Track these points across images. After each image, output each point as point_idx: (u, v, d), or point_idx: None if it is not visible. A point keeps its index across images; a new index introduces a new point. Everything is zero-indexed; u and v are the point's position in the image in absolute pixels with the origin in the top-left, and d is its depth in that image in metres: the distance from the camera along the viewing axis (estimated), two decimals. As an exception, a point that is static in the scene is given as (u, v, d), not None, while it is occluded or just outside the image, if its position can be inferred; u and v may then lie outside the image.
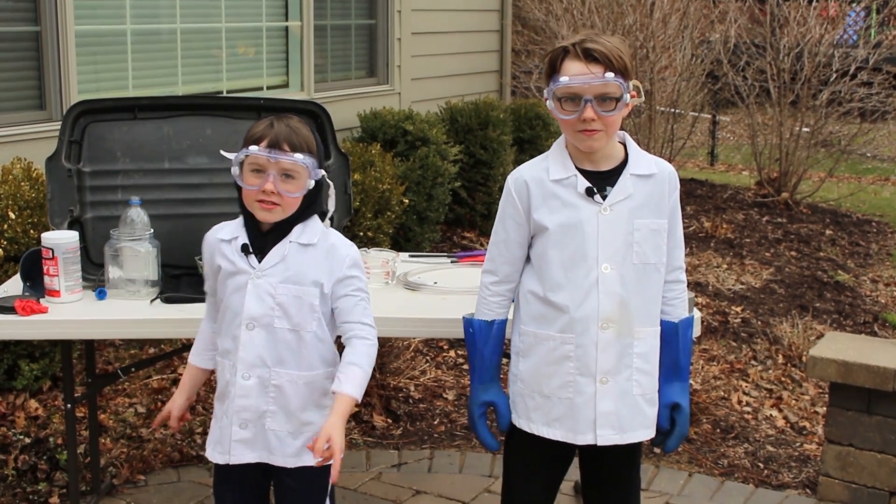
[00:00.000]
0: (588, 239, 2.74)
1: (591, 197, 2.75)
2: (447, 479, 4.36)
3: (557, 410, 2.82)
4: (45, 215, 4.28)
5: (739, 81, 9.98)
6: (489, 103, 8.05)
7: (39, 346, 4.61)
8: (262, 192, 2.70)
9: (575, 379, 2.79)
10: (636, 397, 2.82)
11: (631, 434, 2.84)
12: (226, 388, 2.84)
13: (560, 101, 2.73)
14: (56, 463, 4.12)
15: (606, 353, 2.77)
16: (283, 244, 2.77)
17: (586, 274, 2.75)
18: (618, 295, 2.75)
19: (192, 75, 6.77)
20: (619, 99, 2.71)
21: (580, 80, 2.69)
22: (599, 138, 2.73)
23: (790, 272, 7.63)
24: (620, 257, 2.75)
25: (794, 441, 4.90)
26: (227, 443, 2.83)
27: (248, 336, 2.76)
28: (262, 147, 2.70)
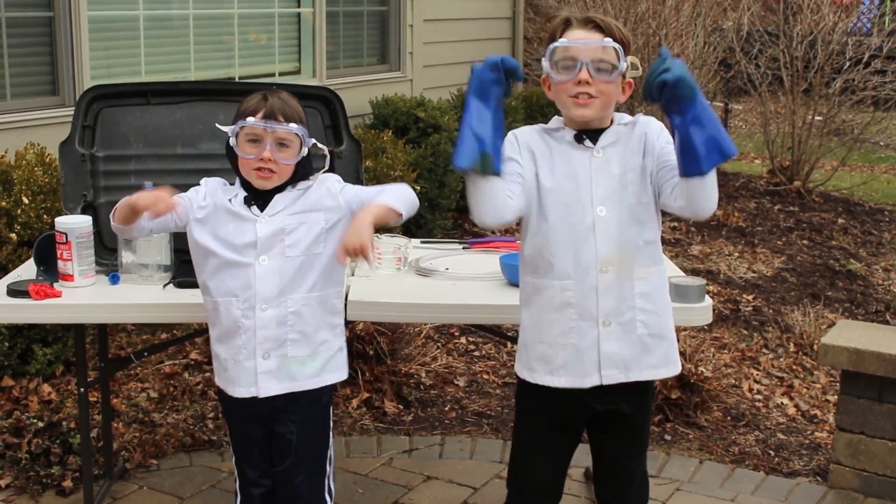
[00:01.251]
0: (581, 183, 2.75)
1: (581, 143, 2.77)
2: (458, 465, 4.37)
3: (561, 358, 2.80)
4: (59, 200, 4.30)
5: (752, 69, 9.93)
6: (501, 90, 8.04)
7: (52, 330, 4.64)
8: (260, 160, 2.86)
9: (577, 324, 2.78)
10: (641, 336, 2.80)
11: (636, 373, 2.82)
12: (234, 325, 2.92)
13: (556, 65, 2.73)
14: (69, 447, 4.14)
15: (607, 296, 2.76)
16: (284, 193, 2.94)
17: (582, 218, 2.74)
18: (615, 237, 2.75)
19: (205, 61, 6.78)
20: (616, 67, 2.70)
21: (579, 41, 2.69)
22: (593, 106, 2.72)
23: (802, 261, 7.61)
24: (616, 199, 2.75)
25: (805, 429, 4.90)
26: (249, 376, 2.94)
27: (263, 269, 2.89)
28: (258, 118, 2.87)
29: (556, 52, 2.72)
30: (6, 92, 5.45)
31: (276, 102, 2.89)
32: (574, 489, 4.07)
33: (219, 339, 2.99)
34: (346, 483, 4.14)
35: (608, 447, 3.01)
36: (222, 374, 3.02)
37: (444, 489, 4.15)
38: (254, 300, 2.90)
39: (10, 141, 5.14)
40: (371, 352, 4.97)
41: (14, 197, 4.55)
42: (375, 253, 3.65)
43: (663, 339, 2.85)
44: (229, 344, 2.96)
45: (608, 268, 2.75)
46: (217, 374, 3.05)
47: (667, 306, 2.87)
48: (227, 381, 3.00)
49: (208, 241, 2.93)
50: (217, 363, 3.03)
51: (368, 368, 4.95)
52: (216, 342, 3.01)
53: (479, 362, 5.49)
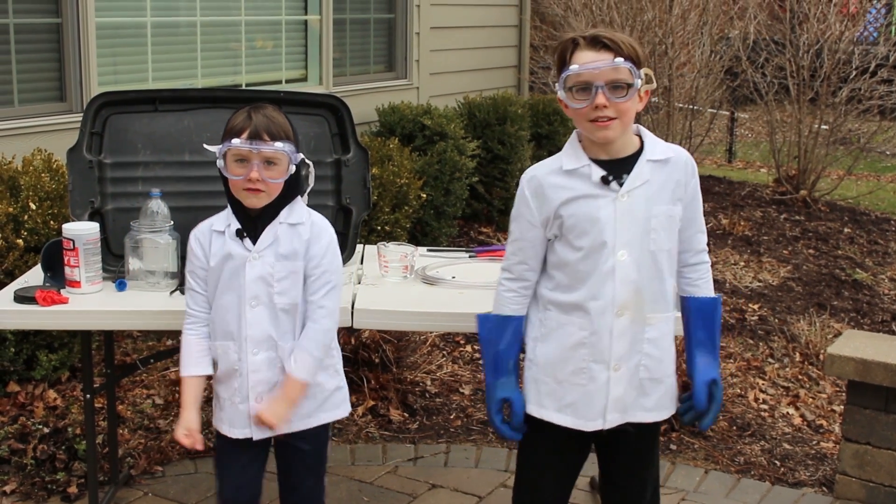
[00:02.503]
0: (605, 227, 2.73)
1: (607, 184, 2.73)
2: (463, 474, 4.37)
3: (570, 396, 2.81)
4: (66, 206, 4.32)
5: (758, 78, 9.94)
6: (507, 98, 8.05)
7: (58, 336, 4.64)
8: (248, 181, 2.88)
9: (588, 366, 2.78)
10: (642, 380, 2.82)
11: (631, 414, 2.83)
12: (231, 369, 2.98)
13: (571, 91, 2.71)
14: (74, 453, 4.15)
15: (621, 340, 2.77)
16: (274, 225, 2.96)
17: (603, 261, 2.73)
18: (633, 282, 2.74)
19: (212, 68, 6.79)
20: (631, 85, 2.69)
21: (591, 66, 2.67)
22: (614, 127, 2.70)
23: (808, 270, 7.60)
24: (637, 244, 2.74)
25: (811, 439, 4.89)
26: (243, 419, 2.99)
27: (253, 314, 2.93)
28: (243, 139, 2.88)
29: (568, 79, 2.71)
30: (14, 98, 5.46)
31: (260, 121, 2.89)
32: (579, 498, 4.06)
33: (219, 380, 3.05)
34: (352, 491, 4.14)
35: (615, 466, 3.01)
36: (219, 414, 3.07)
37: (450, 497, 4.15)
38: (246, 344, 2.94)
39: (18, 147, 5.16)
40: (377, 360, 4.97)
41: (21, 203, 4.56)
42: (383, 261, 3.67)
43: (661, 383, 2.85)
44: (227, 385, 3.02)
45: (624, 312, 2.76)
46: (215, 414, 3.10)
47: (670, 352, 2.88)
48: (222, 421, 3.06)
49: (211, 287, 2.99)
50: (216, 403, 3.08)
51: (374, 376, 4.95)
52: (217, 382, 3.06)
53: (484, 370, 5.48)
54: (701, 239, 2.89)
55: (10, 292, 3.39)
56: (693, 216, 2.85)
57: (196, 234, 3.02)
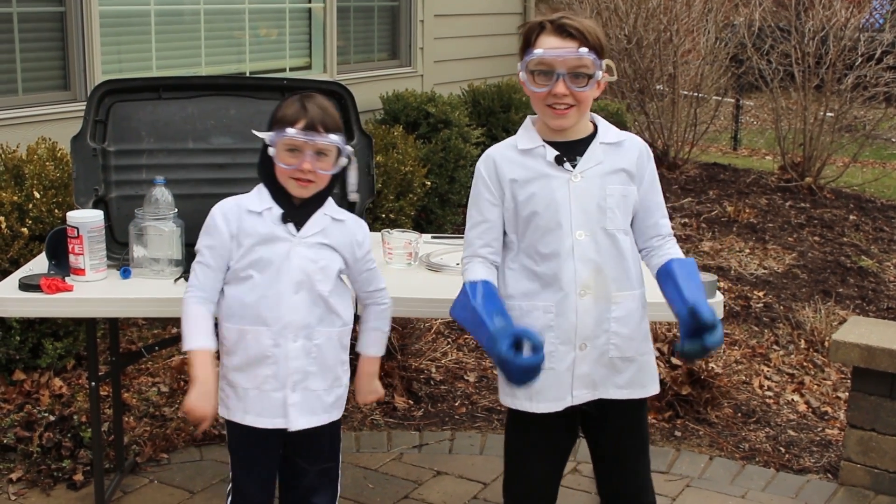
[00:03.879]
0: (561, 207, 2.74)
1: (561, 165, 2.76)
2: (468, 460, 4.37)
3: (539, 383, 2.74)
4: (70, 194, 4.32)
5: (763, 65, 9.91)
6: (511, 86, 8.04)
7: (64, 324, 4.65)
8: (300, 171, 2.86)
9: (556, 348, 2.78)
10: (612, 359, 2.81)
11: (602, 391, 2.83)
12: (261, 356, 2.90)
13: (533, 75, 2.73)
14: (80, 441, 4.16)
15: (585, 320, 2.77)
16: (320, 215, 2.95)
17: (560, 242, 2.75)
18: (593, 261, 2.75)
19: (215, 56, 6.79)
20: (592, 76, 2.71)
21: (554, 52, 2.69)
22: (570, 116, 2.74)
23: (813, 257, 7.60)
24: (594, 224, 2.76)
25: (816, 426, 4.89)
26: (276, 408, 2.92)
27: (296, 300, 2.89)
28: (298, 129, 2.84)
29: (531, 62, 2.73)
30: (18, 86, 5.47)
31: (315, 113, 2.86)
32: (583, 485, 4.07)
33: (238, 369, 2.93)
34: (357, 478, 4.15)
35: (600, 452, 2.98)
36: (236, 404, 2.95)
37: (455, 484, 4.16)
38: (286, 331, 2.89)
39: (22, 135, 5.16)
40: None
41: (26, 191, 4.56)
42: (387, 248, 3.67)
43: (633, 361, 2.85)
44: (253, 373, 2.91)
45: (586, 291, 2.76)
46: (228, 403, 2.97)
47: (640, 330, 2.87)
48: (245, 412, 2.94)
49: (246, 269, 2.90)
50: (231, 392, 2.96)
51: (378, 363, 4.95)
52: (234, 371, 2.94)
53: (488, 357, 5.49)
54: (665, 224, 2.90)
55: (14, 280, 3.40)
56: (654, 202, 2.87)
57: (223, 210, 2.93)
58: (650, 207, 2.86)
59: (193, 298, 2.93)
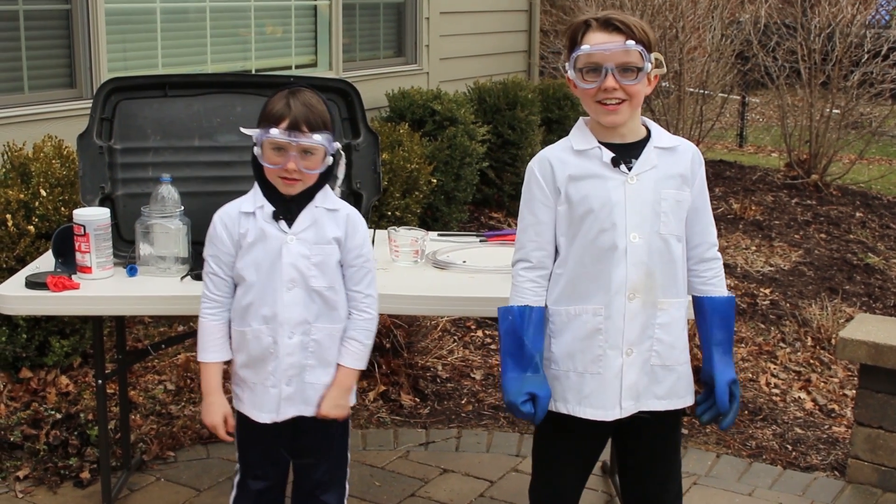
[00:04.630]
0: (616, 207, 2.71)
1: (617, 167, 2.73)
2: (474, 458, 4.37)
3: (588, 387, 2.78)
4: (77, 192, 4.31)
5: (769, 62, 9.90)
6: (517, 83, 8.03)
7: (70, 322, 4.65)
8: (285, 171, 2.85)
9: (605, 352, 2.75)
10: (654, 367, 2.79)
11: (644, 402, 2.80)
12: (265, 353, 2.93)
13: (581, 72, 2.71)
14: (87, 438, 4.16)
15: (632, 324, 2.74)
16: (311, 209, 2.93)
17: (615, 244, 2.72)
18: (644, 265, 2.73)
19: (221, 54, 6.78)
20: (641, 69, 2.68)
21: (602, 47, 2.67)
22: (622, 111, 2.71)
23: (819, 254, 7.58)
24: (648, 227, 2.73)
25: (823, 423, 4.88)
26: (273, 402, 2.96)
27: (290, 297, 2.90)
28: (282, 129, 2.83)
29: (579, 59, 2.70)
30: (24, 84, 5.47)
31: (299, 111, 2.84)
32: (592, 483, 4.06)
33: (246, 365, 2.97)
34: (363, 476, 4.14)
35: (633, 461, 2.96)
36: (248, 399, 2.99)
37: (461, 482, 4.16)
38: (281, 328, 2.91)
39: (28, 133, 5.16)
40: (388, 345, 4.97)
41: (32, 189, 4.56)
42: (394, 245, 3.66)
43: (672, 371, 2.82)
44: (258, 370, 2.95)
45: (635, 295, 2.73)
46: (240, 398, 3.02)
47: (681, 339, 2.84)
48: (252, 406, 2.99)
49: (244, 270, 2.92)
50: (243, 387, 3.00)
51: (385, 361, 4.95)
52: (243, 367, 2.99)
53: (495, 355, 5.49)
54: (711, 231, 2.88)
55: (21, 278, 3.40)
56: (703, 207, 2.85)
57: (222, 217, 2.95)
58: (699, 212, 2.83)
59: (205, 311, 2.98)
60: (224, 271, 2.95)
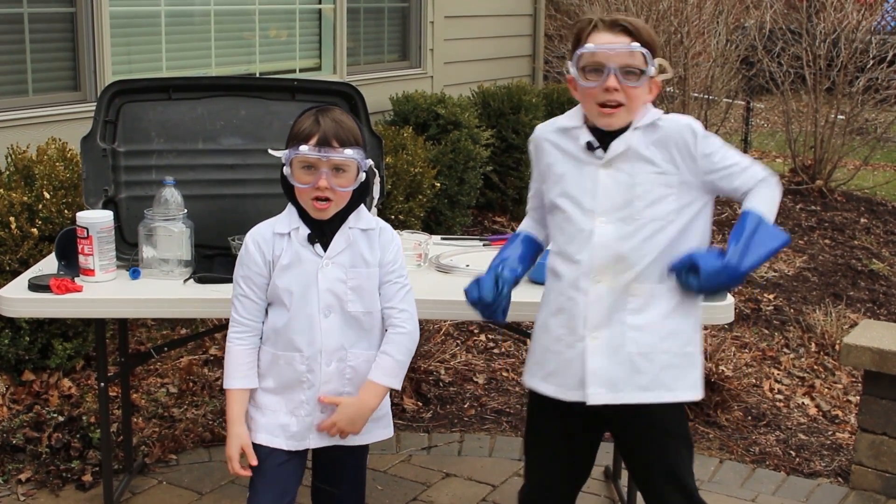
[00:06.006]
0: (585, 192, 2.73)
1: (592, 151, 2.73)
2: (477, 463, 4.36)
3: (551, 364, 2.76)
4: (80, 195, 4.32)
5: (774, 68, 9.89)
6: (521, 87, 8.03)
7: (73, 325, 4.65)
8: (317, 189, 2.73)
9: (566, 331, 2.74)
10: (630, 355, 2.70)
11: (626, 394, 2.71)
12: (295, 381, 2.83)
13: (584, 71, 2.70)
14: (89, 441, 4.16)
15: (597, 308, 2.70)
16: (345, 230, 2.83)
17: (582, 226, 2.72)
18: (612, 249, 2.68)
19: (226, 57, 6.79)
20: (644, 72, 2.67)
21: (606, 47, 2.66)
22: (620, 115, 2.69)
23: (824, 260, 7.58)
24: (619, 211, 2.69)
25: (827, 429, 4.87)
26: (307, 431, 2.86)
27: (327, 324, 2.81)
28: (311, 146, 2.73)
29: (582, 57, 2.69)
30: (28, 87, 5.47)
31: (329, 126, 2.74)
32: (594, 488, 4.06)
33: (271, 391, 2.87)
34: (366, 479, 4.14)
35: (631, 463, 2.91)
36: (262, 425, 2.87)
37: (463, 486, 4.15)
38: (319, 355, 2.81)
39: (32, 136, 5.17)
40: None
41: (35, 192, 4.57)
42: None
43: (653, 360, 2.71)
44: (288, 397, 2.85)
45: (601, 279, 2.70)
46: (251, 425, 2.88)
47: (666, 326, 2.73)
48: (271, 434, 2.86)
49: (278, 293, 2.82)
50: (256, 414, 2.88)
51: (387, 365, 4.95)
52: (267, 393, 2.87)
53: (498, 359, 5.49)
54: (751, 176, 2.70)
55: (24, 281, 3.40)
56: (724, 167, 2.70)
57: (255, 238, 2.84)
58: (722, 172, 2.71)
59: (233, 335, 2.85)
60: (256, 294, 2.83)
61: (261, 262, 2.81)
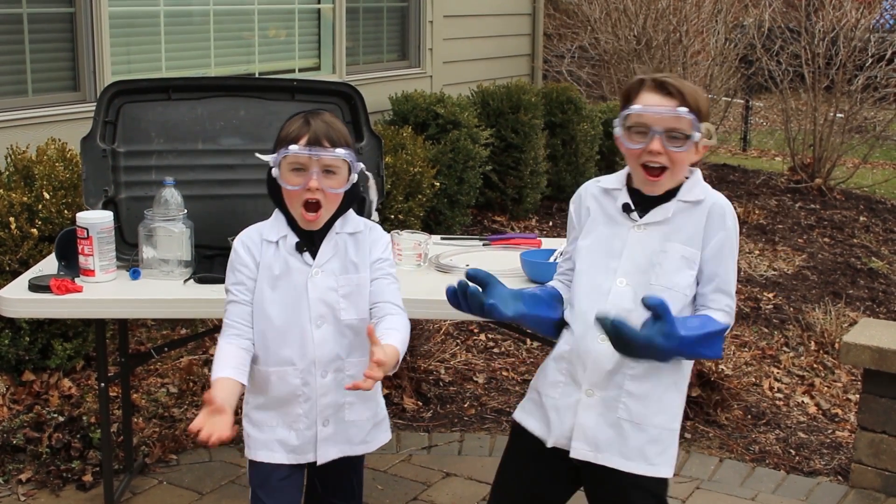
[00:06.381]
0: (613, 251, 2.71)
1: (628, 214, 2.72)
2: (477, 462, 4.37)
3: (545, 408, 2.76)
4: (80, 195, 4.33)
5: (773, 66, 9.90)
6: (521, 87, 8.03)
7: (73, 325, 4.66)
8: (307, 191, 2.67)
9: (564, 380, 2.74)
10: (620, 421, 2.68)
11: (606, 456, 2.69)
12: (290, 395, 2.78)
13: (630, 131, 2.68)
14: (89, 441, 4.16)
15: (598, 366, 2.68)
16: (332, 236, 2.78)
17: (601, 283, 2.71)
18: (625, 311, 2.62)
19: (225, 57, 6.79)
20: (689, 137, 2.64)
21: (653, 109, 2.64)
22: (663, 182, 2.67)
23: (823, 258, 7.58)
24: (640, 276, 2.67)
25: (826, 428, 4.88)
26: (309, 445, 2.82)
27: (320, 334, 2.75)
28: (301, 145, 2.68)
29: (629, 118, 2.67)
30: (28, 87, 5.48)
31: (319, 127, 2.69)
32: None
33: (264, 407, 2.81)
34: (365, 480, 4.10)
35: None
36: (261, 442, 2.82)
37: (463, 486, 4.16)
38: (313, 367, 2.76)
39: (32, 136, 5.17)
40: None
41: (35, 192, 4.57)
42: (396, 249, 3.65)
43: (643, 431, 2.69)
44: (283, 412, 2.79)
45: (606, 338, 2.59)
46: (250, 443, 2.83)
47: (662, 400, 2.69)
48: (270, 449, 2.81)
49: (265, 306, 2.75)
50: (254, 431, 2.83)
51: (387, 365, 4.95)
52: (258, 409, 2.82)
53: (498, 359, 5.49)
54: (716, 299, 2.66)
55: (24, 281, 3.40)
56: (712, 272, 2.67)
57: (244, 241, 2.78)
58: (707, 276, 2.68)
59: (225, 336, 2.76)
60: (248, 298, 2.76)
61: (252, 265, 2.76)
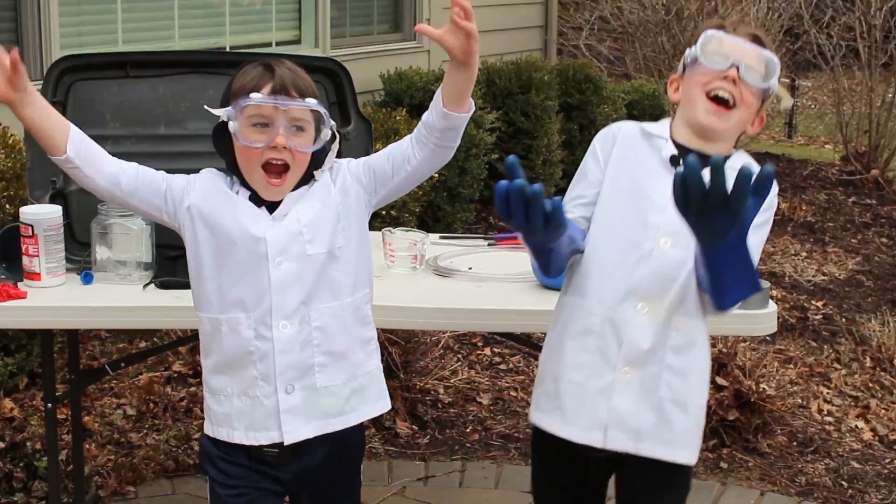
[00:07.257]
0: (654, 207, 2.67)
1: (674, 166, 2.68)
2: (481, 495, 4.37)
3: (565, 397, 2.71)
4: (24, 187, 4.32)
5: (823, 40, 9.91)
6: (532, 63, 8.04)
7: (15, 337, 4.66)
8: (272, 149, 2.54)
9: (592, 359, 2.69)
10: (662, 400, 2.68)
11: (648, 446, 2.69)
12: (242, 352, 2.60)
13: (706, 56, 2.68)
14: (34, 471, 4.17)
15: (636, 338, 2.65)
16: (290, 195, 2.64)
17: (642, 242, 2.68)
18: (667, 275, 2.65)
19: (191, 29, 6.80)
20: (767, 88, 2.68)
21: (738, 41, 2.67)
22: (727, 119, 2.68)
23: (880, 261, 7.59)
24: (685, 237, 2.59)
25: (884, 456, 4.88)
26: (269, 418, 2.60)
27: (279, 274, 2.57)
28: (265, 94, 2.53)
29: (710, 42, 2.69)
30: (-37, 63, 5.47)
31: (285, 74, 2.55)
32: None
33: (218, 370, 2.64)
34: None
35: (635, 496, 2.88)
36: (222, 418, 2.64)
37: (465, 523, 4.17)
38: (269, 316, 2.57)
39: (-32, 119, 5.17)
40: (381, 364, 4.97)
41: (-28, 183, 4.58)
42: (389, 249, 3.65)
43: (686, 411, 2.71)
44: (236, 376, 2.61)
45: (647, 306, 2.65)
46: (213, 418, 2.67)
47: (701, 374, 2.74)
48: (231, 427, 2.63)
49: (203, 229, 2.62)
50: (214, 403, 2.66)
51: (378, 383, 4.96)
52: (214, 373, 2.65)
53: (505, 377, 5.50)
54: None
55: (-41, 286, 3.41)
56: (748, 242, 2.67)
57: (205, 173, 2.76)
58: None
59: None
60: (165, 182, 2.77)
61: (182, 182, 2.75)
